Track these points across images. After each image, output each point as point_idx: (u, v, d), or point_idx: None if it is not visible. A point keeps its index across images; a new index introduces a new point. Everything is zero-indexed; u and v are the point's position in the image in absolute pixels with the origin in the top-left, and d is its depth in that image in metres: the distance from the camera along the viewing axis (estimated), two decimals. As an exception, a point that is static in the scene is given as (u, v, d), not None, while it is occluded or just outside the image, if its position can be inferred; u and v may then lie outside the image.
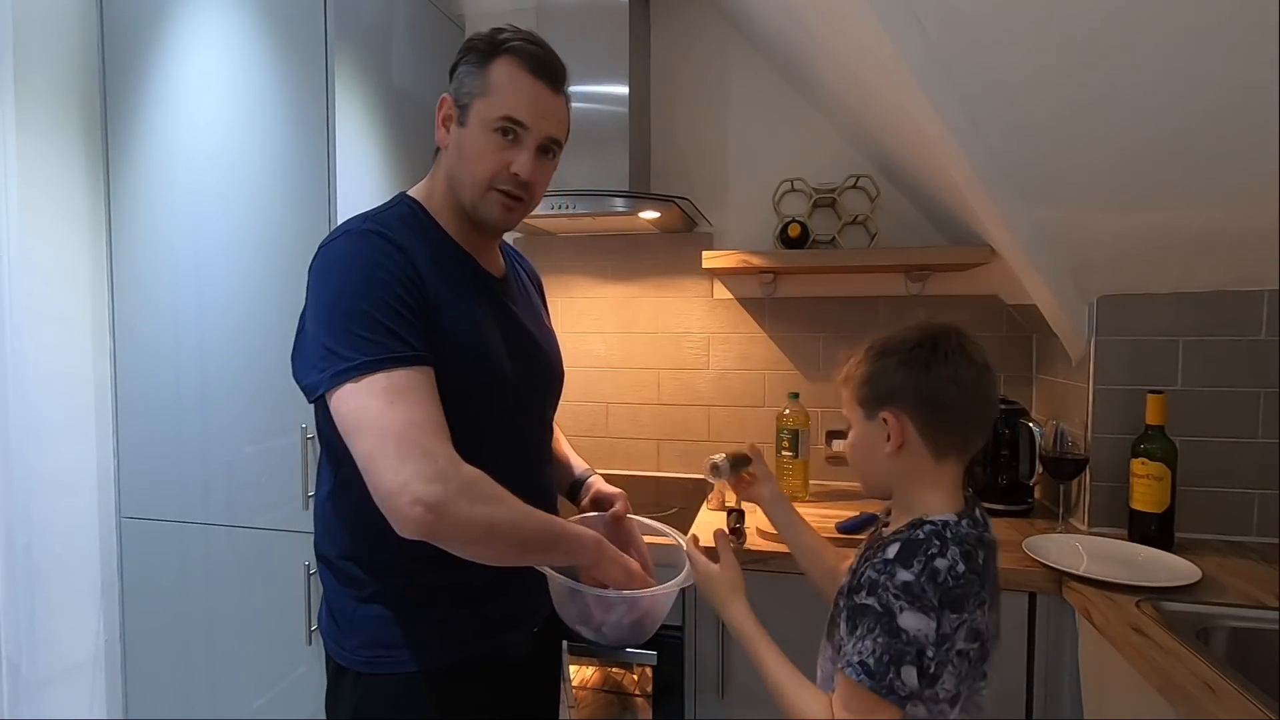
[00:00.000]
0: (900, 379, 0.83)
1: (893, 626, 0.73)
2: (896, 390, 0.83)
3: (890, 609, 0.74)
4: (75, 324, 1.64)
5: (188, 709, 1.71)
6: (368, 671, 0.89)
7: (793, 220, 1.81)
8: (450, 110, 0.93)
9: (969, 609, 0.75)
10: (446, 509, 0.75)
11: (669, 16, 1.99)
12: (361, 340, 0.79)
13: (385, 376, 0.78)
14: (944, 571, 0.75)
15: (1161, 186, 1.20)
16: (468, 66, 0.91)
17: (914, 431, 0.83)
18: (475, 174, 0.91)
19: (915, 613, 0.73)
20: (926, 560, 0.75)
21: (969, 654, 0.77)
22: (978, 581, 0.77)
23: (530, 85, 0.90)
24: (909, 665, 0.73)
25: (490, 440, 0.91)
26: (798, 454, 1.73)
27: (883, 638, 0.74)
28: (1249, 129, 1.04)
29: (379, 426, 0.76)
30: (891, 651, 0.73)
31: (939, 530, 0.78)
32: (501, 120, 0.89)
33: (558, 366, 1.09)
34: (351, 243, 0.85)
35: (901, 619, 0.73)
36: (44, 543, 1.57)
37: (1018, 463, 1.61)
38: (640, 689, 1.61)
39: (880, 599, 0.75)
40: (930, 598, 0.73)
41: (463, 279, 0.93)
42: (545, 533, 0.85)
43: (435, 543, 0.77)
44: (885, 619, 0.74)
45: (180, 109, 1.62)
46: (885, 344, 0.87)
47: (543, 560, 0.88)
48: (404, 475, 0.74)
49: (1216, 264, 1.38)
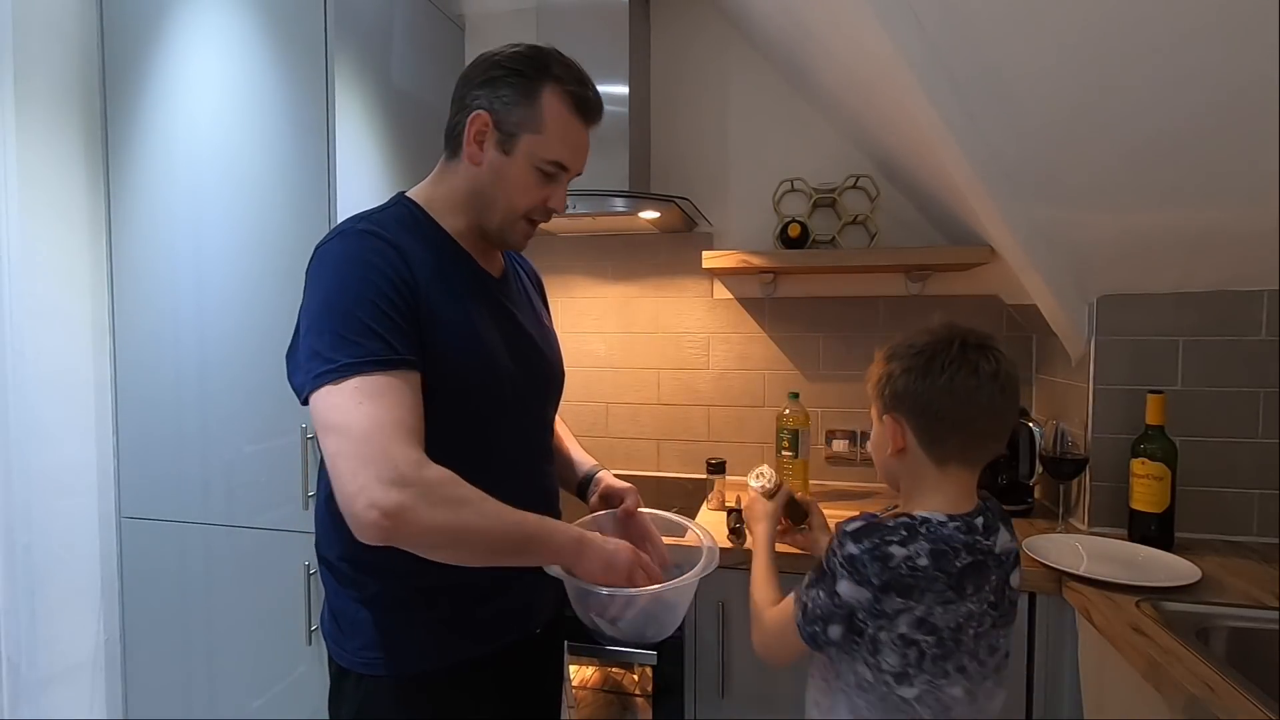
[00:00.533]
0: (901, 385, 0.86)
1: (831, 589, 0.83)
2: (898, 395, 0.86)
3: (835, 573, 0.83)
4: (75, 324, 1.64)
5: (188, 709, 1.71)
6: (370, 673, 0.89)
7: (793, 220, 1.81)
8: (489, 131, 0.90)
9: (922, 600, 0.80)
10: (403, 514, 0.73)
11: (669, 16, 1.99)
12: (343, 341, 0.78)
13: (360, 379, 0.77)
14: (898, 558, 0.80)
15: (1161, 186, 1.20)
16: (512, 91, 0.89)
17: (912, 438, 0.86)
18: (513, 204, 0.92)
19: (850, 583, 0.81)
20: (880, 543, 0.81)
21: (920, 644, 0.81)
22: (942, 580, 0.80)
23: (579, 132, 0.93)
24: (836, 625, 0.83)
25: (490, 441, 0.91)
26: (798, 454, 1.73)
27: (823, 595, 0.84)
28: (1249, 128, 1.04)
29: (343, 428, 0.75)
30: (825, 610, 0.84)
31: (912, 524, 0.82)
32: (551, 164, 0.91)
33: (558, 367, 1.09)
34: (346, 243, 0.85)
35: (839, 585, 0.82)
36: (44, 543, 1.57)
37: (1018, 463, 1.61)
38: (640, 689, 1.61)
39: (828, 563, 0.84)
40: (871, 574, 0.80)
41: (461, 279, 0.93)
42: (516, 534, 0.82)
43: (399, 546, 0.76)
44: (828, 579, 0.84)
45: (180, 109, 1.62)
46: (895, 347, 0.89)
47: (517, 561, 0.85)
48: (361, 479, 0.73)
49: (1216, 264, 1.38)
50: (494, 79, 0.90)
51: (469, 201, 0.93)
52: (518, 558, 0.85)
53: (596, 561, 0.88)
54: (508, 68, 0.90)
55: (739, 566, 1.37)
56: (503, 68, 0.90)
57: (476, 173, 0.92)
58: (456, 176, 0.94)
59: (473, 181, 0.92)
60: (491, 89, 0.90)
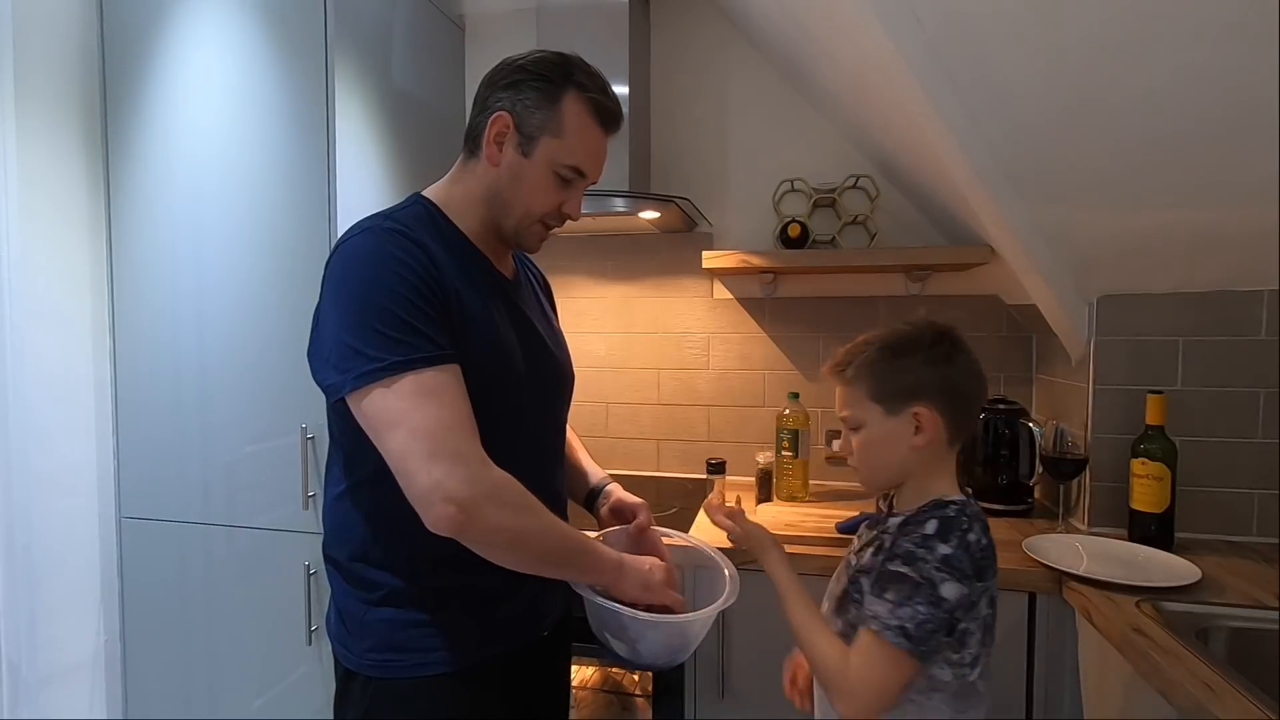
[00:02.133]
0: (926, 375, 0.87)
1: (934, 596, 0.79)
2: (923, 385, 0.87)
3: (931, 579, 0.80)
4: (75, 324, 1.64)
5: (188, 709, 1.71)
6: (378, 675, 0.89)
7: (793, 220, 1.81)
8: (510, 133, 0.91)
9: (988, 577, 0.84)
10: (476, 511, 0.76)
11: (669, 16, 1.99)
12: (387, 339, 0.78)
13: (414, 376, 0.78)
14: (974, 544, 0.82)
15: (1161, 186, 1.20)
16: (536, 94, 0.90)
17: (941, 423, 0.87)
18: (530, 207, 0.93)
19: (955, 583, 0.79)
20: (961, 535, 0.81)
21: (988, 619, 0.85)
22: (993, 551, 0.85)
23: (599, 139, 0.95)
24: (942, 632, 0.80)
25: (506, 440, 0.91)
26: (798, 454, 1.73)
27: (924, 606, 0.79)
28: (1249, 129, 1.04)
29: (410, 427, 0.77)
30: (934, 620, 0.79)
31: (963, 508, 0.84)
32: (571, 169, 0.93)
33: (569, 369, 1.09)
34: (373, 239, 0.85)
35: (943, 589, 0.79)
36: (44, 543, 1.57)
37: (1018, 463, 1.61)
38: (640, 689, 1.61)
39: (920, 570, 0.80)
40: (967, 568, 0.80)
41: (478, 278, 0.93)
42: (567, 547, 0.86)
43: (463, 541, 0.78)
44: (926, 589, 0.79)
45: (180, 109, 1.62)
46: (898, 343, 0.90)
47: (559, 573, 0.88)
48: (436, 475, 0.75)
49: (1216, 264, 1.38)
50: (518, 82, 0.91)
51: (486, 202, 0.94)
52: (561, 570, 0.88)
53: (635, 582, 0.91)
54: (532, 72, 0.91)
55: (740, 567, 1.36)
56: (527, 72, 0.91)
57: (495, 173, 0.93)
58: (474, 177, 0.94)
59: (491, 182, 0.93)
60: (515, 91, 0.91)
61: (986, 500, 1.63)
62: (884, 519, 0.92)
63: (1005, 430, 1.62)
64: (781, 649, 1.24)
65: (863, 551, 0.92)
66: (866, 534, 0.95)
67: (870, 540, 0.92)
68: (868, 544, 0.92)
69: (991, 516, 1.61)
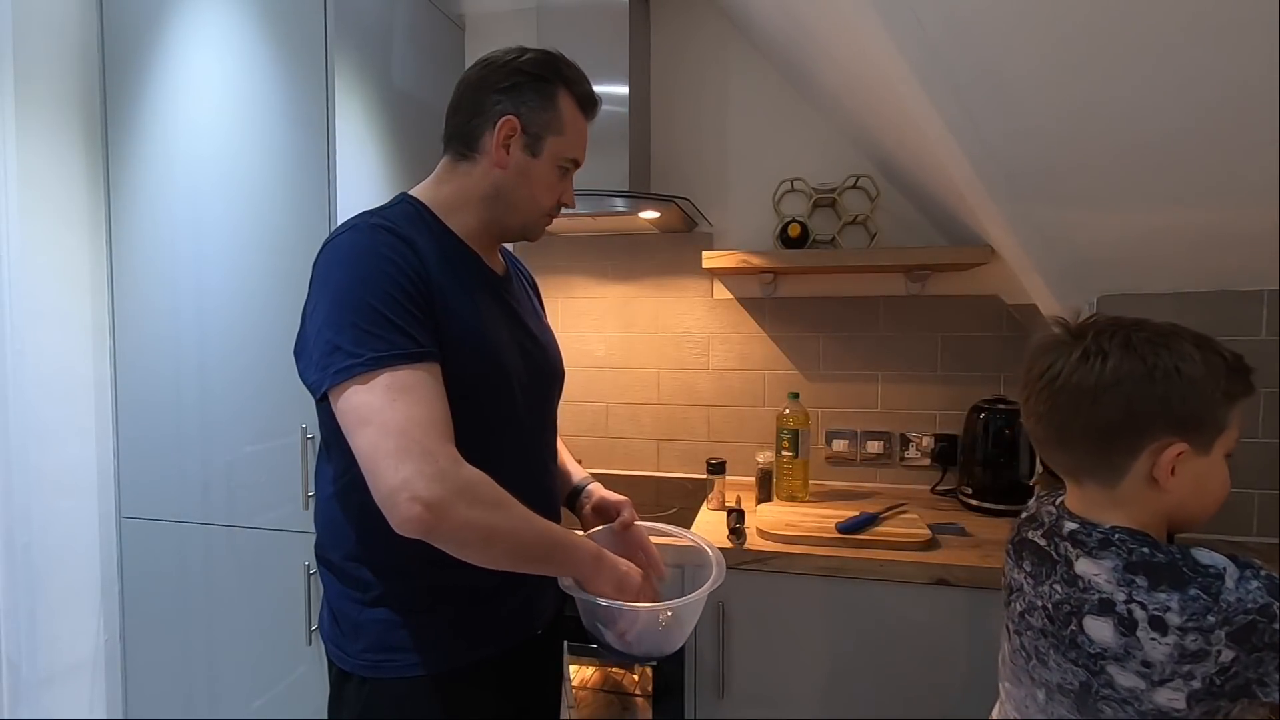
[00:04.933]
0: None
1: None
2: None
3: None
4: (75, 324, 1.64)
5: (188, 709, 1.71)
6: (373, 676, 0.88)
7: (793, 220, 1.81)
8: (517, 135, 0.93)
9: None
10: (445, 510, 0.75)
11: (669, 16, 1.99)
12: (366, 336, 0.78)
13: (389, 374, 0.77)
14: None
15: (1161, 187, 1.20)
16: (536, 96, 0.92)
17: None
18: (540, 202, 0.97)
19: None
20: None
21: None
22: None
23: (585, 129, 1.00)
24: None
25: (497, 440, 0.91)
26: (798, 454, 1.73)
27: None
28: (1249, 129, 1.04)
29: (379, 423, 0.76)
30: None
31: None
32: (571, 162, 0.98)
33: (559, 365, 1.09)
34: (358, 237, 0.85)
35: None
36: (44, 543, 1.57)
37: (1018, 463, 1.61)
38: (640, 689, 1.61)
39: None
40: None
41: (469, 275, 0.93)
42: (542, 542, 0.85)
43: (434, 543, 0.77)
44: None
45: (180, 109, 1.62)
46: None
47: (537, 569, 0.87)
48: (404, 473, 0.74)
49: (1216, 264, 1.38)
50: (517, 85, 0.92)
51: (487, 201, 0.95)
52: (539, 565, 0.87)
53: (609, 579, 0.90)
54: (529, 74, 0.93)
55: (740, 567, 1.37)
56: (524, 74, 0.92)
57: (500, 175, 0.94)
58: (469, 178, 0.95)
59: (494, 182, 0.94)
60: (515, 95, 0.92)
61: (986, 500, 1.63)
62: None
63: (1005, 430, 1.62)
64: (781, 649, 1.25)
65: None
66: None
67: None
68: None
69: (992, 516, 1.63)
